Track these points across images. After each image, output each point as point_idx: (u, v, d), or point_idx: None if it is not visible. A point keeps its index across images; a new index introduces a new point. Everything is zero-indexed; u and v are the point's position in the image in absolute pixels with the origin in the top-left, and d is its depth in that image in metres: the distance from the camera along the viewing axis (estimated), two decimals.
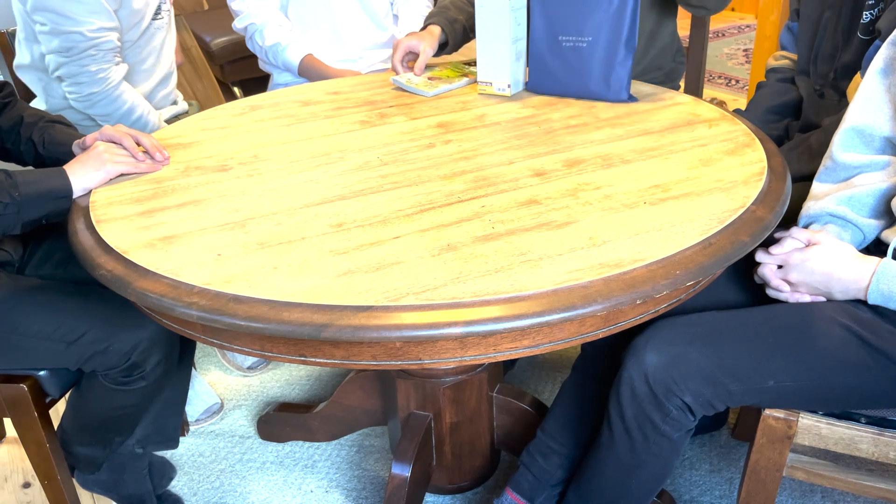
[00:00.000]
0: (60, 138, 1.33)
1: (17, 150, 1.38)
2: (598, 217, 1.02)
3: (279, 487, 1.60)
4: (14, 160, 1.41)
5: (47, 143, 1.33)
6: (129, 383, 1.26)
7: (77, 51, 1.53)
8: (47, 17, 1.51)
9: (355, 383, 1.60)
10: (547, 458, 1.33)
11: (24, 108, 1.39)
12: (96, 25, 1.53)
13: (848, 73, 1.35)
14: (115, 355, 1.21)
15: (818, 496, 1.50)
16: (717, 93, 3.79)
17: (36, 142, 1.34)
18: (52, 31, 1.52)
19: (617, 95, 1.43)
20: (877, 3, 1.27)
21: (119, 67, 1.60)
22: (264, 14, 1.93)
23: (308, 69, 1.92)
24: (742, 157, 1.17)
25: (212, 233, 1.04)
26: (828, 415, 1.09)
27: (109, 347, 1.20)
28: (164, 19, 1.73)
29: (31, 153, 1.36)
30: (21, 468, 1.69)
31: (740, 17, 5.12)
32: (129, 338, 1.20)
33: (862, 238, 1.14)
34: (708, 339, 1.06)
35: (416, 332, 0.83)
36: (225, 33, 3.08)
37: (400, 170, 1.20)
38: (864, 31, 1.29)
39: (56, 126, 1.36)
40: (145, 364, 1.24)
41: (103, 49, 1.55)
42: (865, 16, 1.28)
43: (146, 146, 1.27)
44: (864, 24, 1.29)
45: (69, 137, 1.33)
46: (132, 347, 1.21)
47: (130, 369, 1.23)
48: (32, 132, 1.34)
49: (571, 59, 1.44)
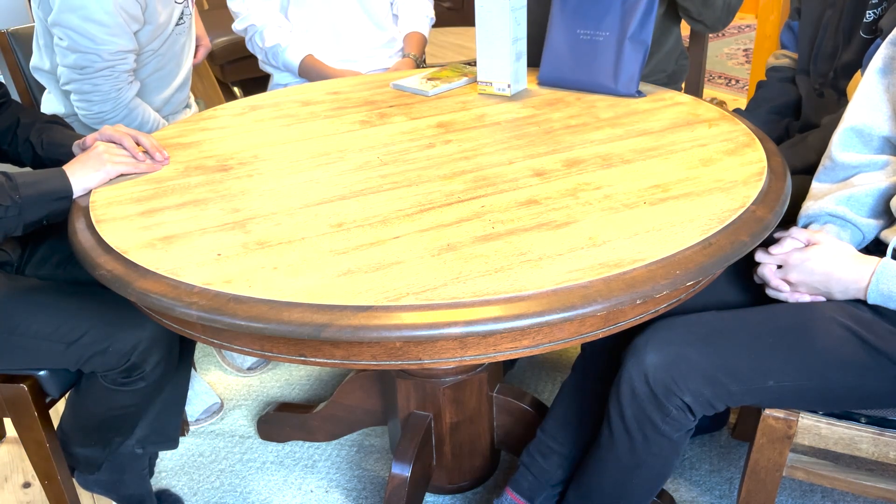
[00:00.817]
0: (59, 139, 1.33)
1: (14, 151, 1.37)
2: (597, 217, 1.02)
3: (279, 487, 1.60)
4: (11, 161, 1.41)
5: (46, 144, 1.33)
6: (129, 384, 1.26)
7: (91, 70, 1.52)
8: (66, 34, 1.49)
9: (355, 383, 1.60)
10: (547, 458, 1.33)
11: (19, 109, 1.39)
12: (115, 49, 1.51)
13: (848, 71, 1.35)
14: (115, 356, 1.20)
15: (818, 496, 1.50)
16: (717, 93, 3.80)
17: (34, 143, 1.33)
18: (70, 47, 1.50)
19: (626, 89, 1.44)
20: (880, 2, 1.27)
21: (132, 86, 1.59)
22: (264, 15, 1.93)
23: (308, 70, 1.92)
24: (742, 157, 1.17)
25: (212, 233, 1.04)
26: (828, 415, 1.09)
27: (109, 348, 1.20)
28: (185, 24, 1.71)
29: (29, 154, 1.36)
30: (21, 468, 1.69)
31: (740, 17, 5.12)
32: (128, 338, 1.20)
33: (861, 238, 1.14)
34: (708, 339, 1.06)
35: (416, 332, 0.83)
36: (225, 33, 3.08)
37: (400, 170, 1.20)
38: (866, 31, 1.29)
39: (54, 127, 1.36)
40: (145, 365, 1.24)
41: (119, 70, 1.54)
42: (868, 15, 1.28)
43: (146, 146, 1.27)
44: (867, 23, 1.29)
45: (68, 138, 1.33)
46: (131, 348, 1.21)
47: (130, 370, 1.23)
48: (30, 133, 1.34)
49: (587, 52, 1.46)
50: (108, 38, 1.50)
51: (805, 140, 1.38)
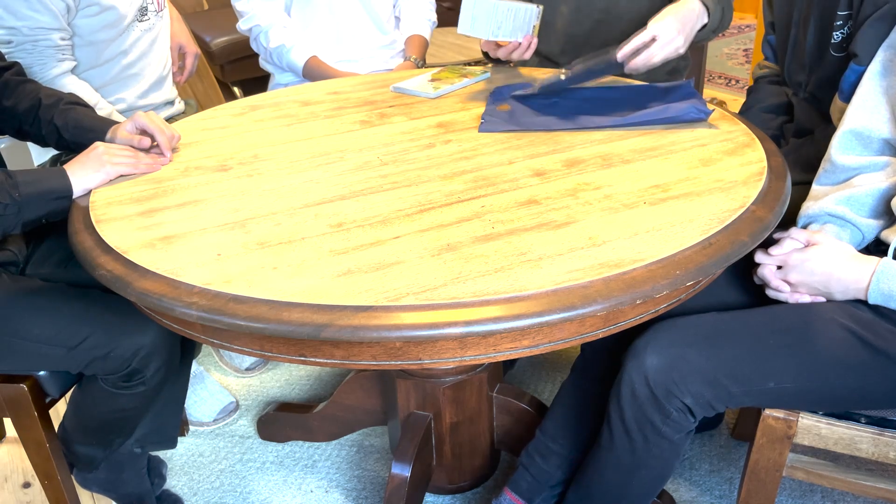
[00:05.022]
0: (87, 123, 1.33)
1: (37, 132, 1.37)
2: (597, 217, 1.02)
3: (279, 487, 1.60)
4: (35, 141, 1.41)
5: (72, 127, 1.33)
6: (130, 388, 1.26)
7: (14, 44, 1.55)
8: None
9: (355, 383, 1.60)
10: (546, 459, 1.33)
11: (39, 89, 1.38)
12: (36, 25, 1.54)
13: (824, 86, 1.34)
14: (116, 361, 1.20)
15: (818, 496, 1.50)
16: (717, 93, 3.79)
17: (59, 126, 1.33)
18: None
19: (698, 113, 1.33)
20: (845, 22, 1.26)
21: (61, 64, 1.60)
22: (269, 16, 1.93)
23: (312, 71, 1.92)
24: (742, 157, 1.17)
25: (212, 233, 1.04)
26: (828, 415, 1.09)
27: (110, 353, 1.20)
28: (149, 20, 1.72)
29: (54, 137, 1.36)
30: (21, 468, 1.69)
31: (740, 17, 5.12)
32: (129, 344, 1.20)
33: (861, 238, 1.14)
34: (708, 340, 1.06)
35: (416, 332, 0.83)
36: (225, 33, 3.08)
37: (400, 170, 1.20)
38: (836, 49, 1.29)
39: (77, 108, 1.35)
40: (146, 370, 1.23)
41: (42, 46, 1.56)
42: (836, 35, 1.28)
43: (161, 144, 1.27)
44: (836, 43, 1.28)
45: (97, 123, 1.33)
46: (133, 354, 1.21)
47: (131, 375, 1.23)
48: (54, 115, 1.34)
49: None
50: (28, 14, 1.52)
51: (799, 150, 1.38)
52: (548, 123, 1.34)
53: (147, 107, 1.75)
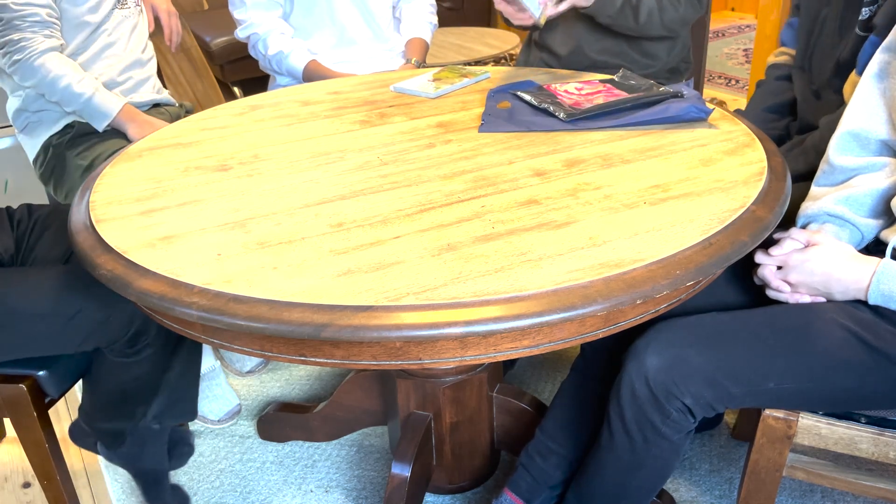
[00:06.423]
0: None
1: None
2: (598, 217, 1.02)
3: (279, 487, 1.60)
4: None
5: None
6: (137, 353, 1.26)
7: (3, 21, 1.59)
8: None
9: (355, 383, 1.60)
10: (546, 459, 1.33)
11: None
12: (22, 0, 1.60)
13: (844, 70, 1.35)
14: (116, 326, 1.20)
15: (818, 496, 1.50)
16: (717, 93, 3.80)
17: None
18: None
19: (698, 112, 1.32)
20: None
21: (48, 40, 1.64)
22: (267, 23, 1.93)
23: (312, 75, 1.92)
24: (742, 157, 1.17)
25: (212, 233, 1.04)
26: (828, 415, 1.09)
27: (110, 317, 1.19)
28: (129, 8, 1.81)
29: None
30: (21, 468, 1.69)
31: (740, 17, 5.12)
32: (127, 306, 1.19)
33: (860, 238, 1.14)
34: (708, 340, 1.06)
35: (416, 332, 0.83)
36: (225, 33, 3.09)
37: (400, 170, 1.20)
38: (862, 28, 1.29)
39: None
40: (148, 330, 1.23)
41: (28, 20, 1.61)
42: (864, 12, 1.28)
43: None
44: (863, 20, 1.29)
45: None
46: (132, 314, 1.20)
47: (135, 338, 1.23)
48: None
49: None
50: None
51: (802, 143, 1.38)
52: (548, 123, 1.34)
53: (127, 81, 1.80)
